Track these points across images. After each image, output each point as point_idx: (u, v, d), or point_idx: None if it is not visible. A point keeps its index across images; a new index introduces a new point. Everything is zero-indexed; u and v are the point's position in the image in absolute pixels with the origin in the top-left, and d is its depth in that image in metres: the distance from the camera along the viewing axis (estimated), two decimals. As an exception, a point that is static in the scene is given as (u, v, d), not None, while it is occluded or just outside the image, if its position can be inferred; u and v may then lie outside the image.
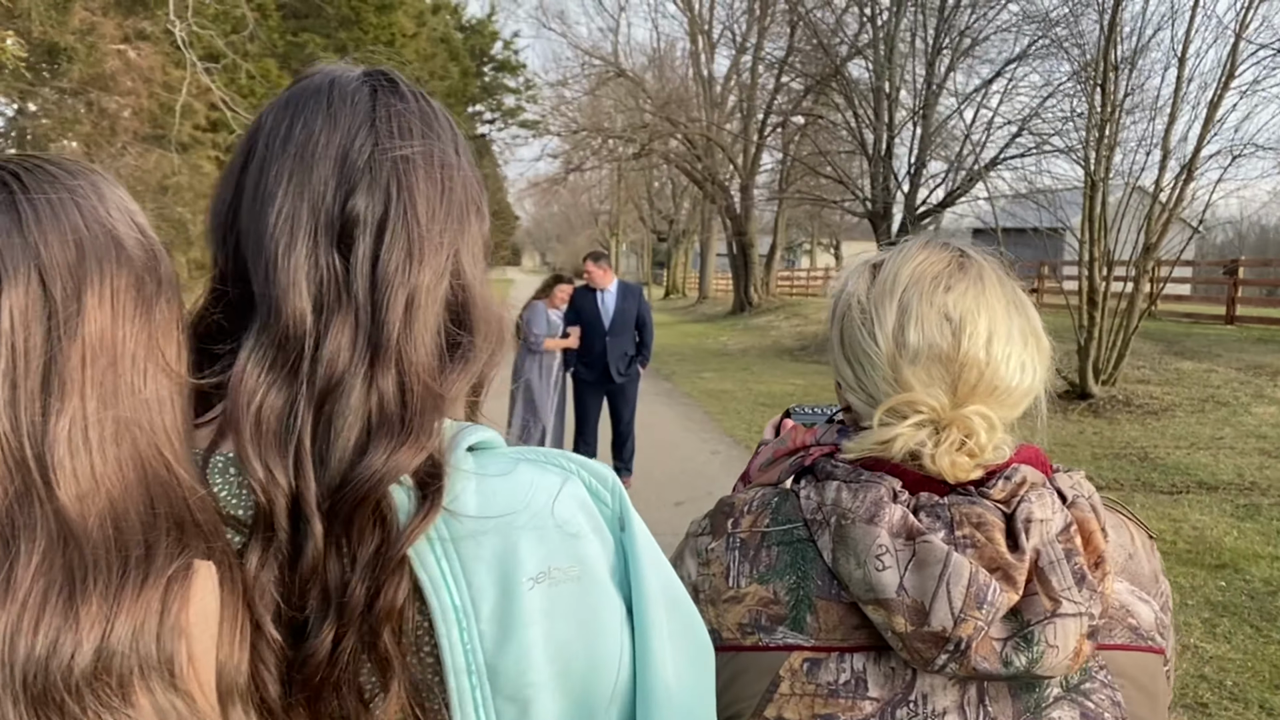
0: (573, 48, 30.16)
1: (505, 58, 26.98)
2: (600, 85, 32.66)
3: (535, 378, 7.96)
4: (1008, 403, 1.02)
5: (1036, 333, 1.06)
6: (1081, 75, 12.72)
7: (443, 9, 25.57)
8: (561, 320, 8.02)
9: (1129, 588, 1.01)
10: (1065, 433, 10.22)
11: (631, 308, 7.92)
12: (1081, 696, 0.94)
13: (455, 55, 22.60)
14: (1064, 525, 0.95)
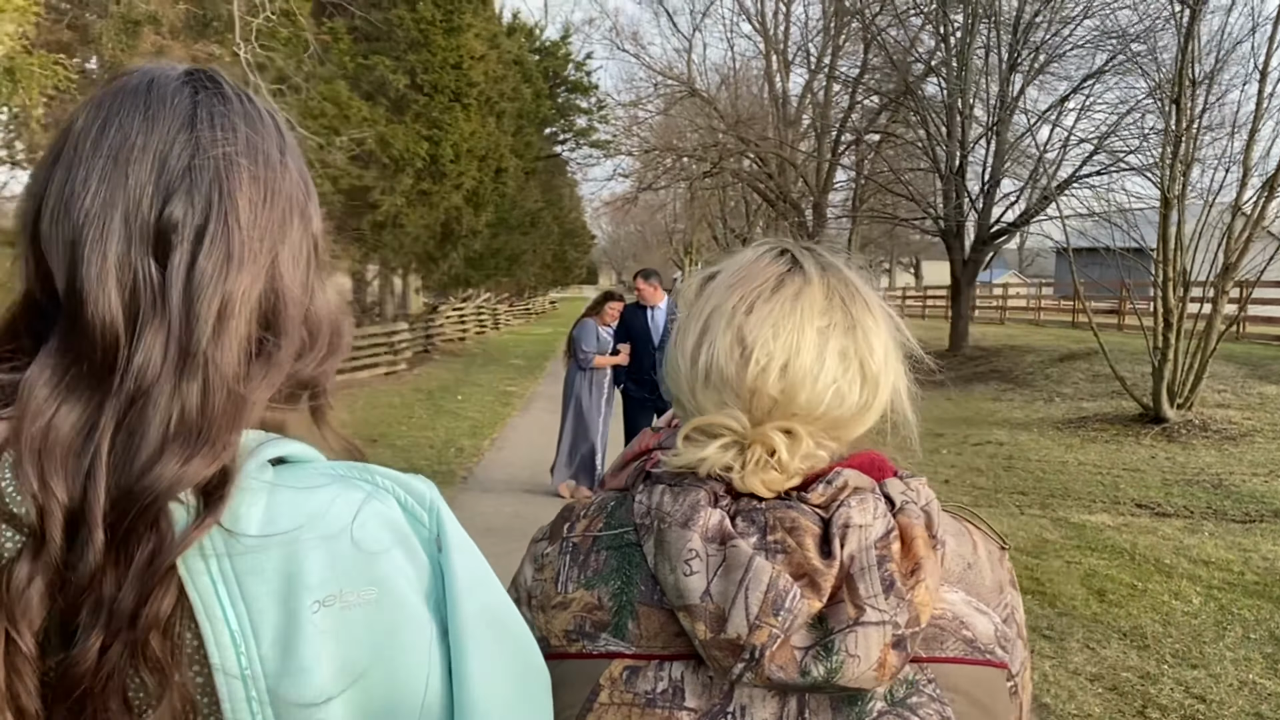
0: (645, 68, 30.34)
1: (578, 79, 27.23)
2: (673, 105, 32.74)
3: (585, 394, 7.98)
4: (822, 424, 0.98)
5: (868, 354, 1.01)
6: (1158, 92, 12.37)
7: (518, 31, 25.95)
8: (612, 337, 8.02)
9: (965, 599, 0.96)
10: (1136, 457, 9.88)
11: (682, 325, 7.88)
12: (908, 711, 0.90)
13: (529, 78, 22.87)
14: (884, 531, 0.90)
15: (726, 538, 0.90)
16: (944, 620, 0.93)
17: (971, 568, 0.98)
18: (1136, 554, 6.58)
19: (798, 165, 29.70)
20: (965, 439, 11.25)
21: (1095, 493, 8.42)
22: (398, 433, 11.44)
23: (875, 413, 1.03)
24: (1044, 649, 4.92)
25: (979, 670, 0.94)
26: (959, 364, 18.52)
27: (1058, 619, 5.37)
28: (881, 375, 1.03)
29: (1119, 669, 4.70)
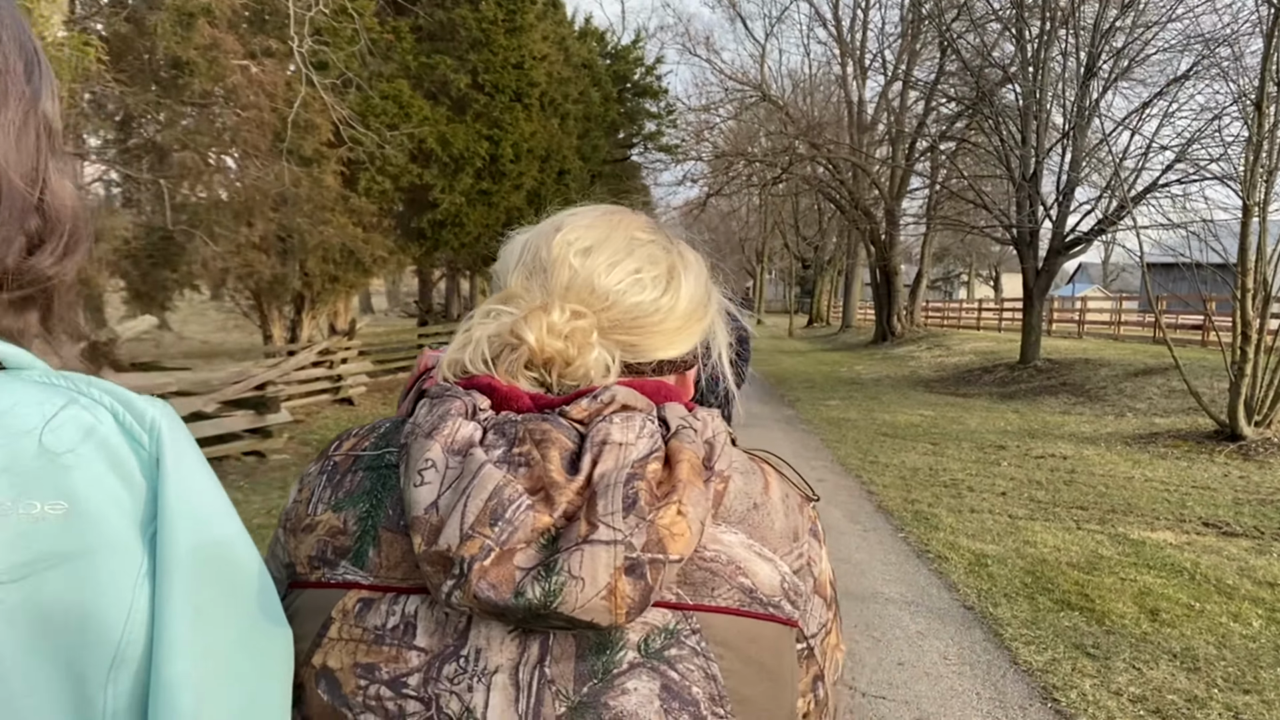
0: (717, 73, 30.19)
1: (648, 83, 27.18)
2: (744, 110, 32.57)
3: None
4: (617, 313, 0.91)
5: (682, 271, 0.97)
6: (1243, 98, 11.86)
7: (590, 36, 26.02)
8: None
9: (746, 541, 0.84)
10: (1207, 475, 9.45)
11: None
12: (665, 665, 0.77)
13: (598, 81, 22.90)
14: (647, 452, 0.79)
15: (469, 447, 0.79)
16: (717, 564, 0.81)
17: (758, 508, 0.86)
18: (1197, 573, 6.25)
19: (871, 172, 29.31)
20: (1027, 452, 10.89)
21: (1159, 510, 8.06)
22: (449, 430, 11.45)
23: (684, 335, 0.95)
24: (1086, 667, 4.68)
25: (758, 625, 0.82)
26: (1028, 376, 18.01)
27: (1104, 637, 5.10)
28: (691, 293, 0.96)
29: (1165, 691, 4.43)
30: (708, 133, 31.04)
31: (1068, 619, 5.37)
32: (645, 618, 0.78)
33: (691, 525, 0.77)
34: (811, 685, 0.89)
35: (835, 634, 0.93)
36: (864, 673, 4.54)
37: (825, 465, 10.00)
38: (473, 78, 12.81)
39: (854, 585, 5.90)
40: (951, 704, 4.23)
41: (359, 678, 0.77)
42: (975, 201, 21.79)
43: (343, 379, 12.87)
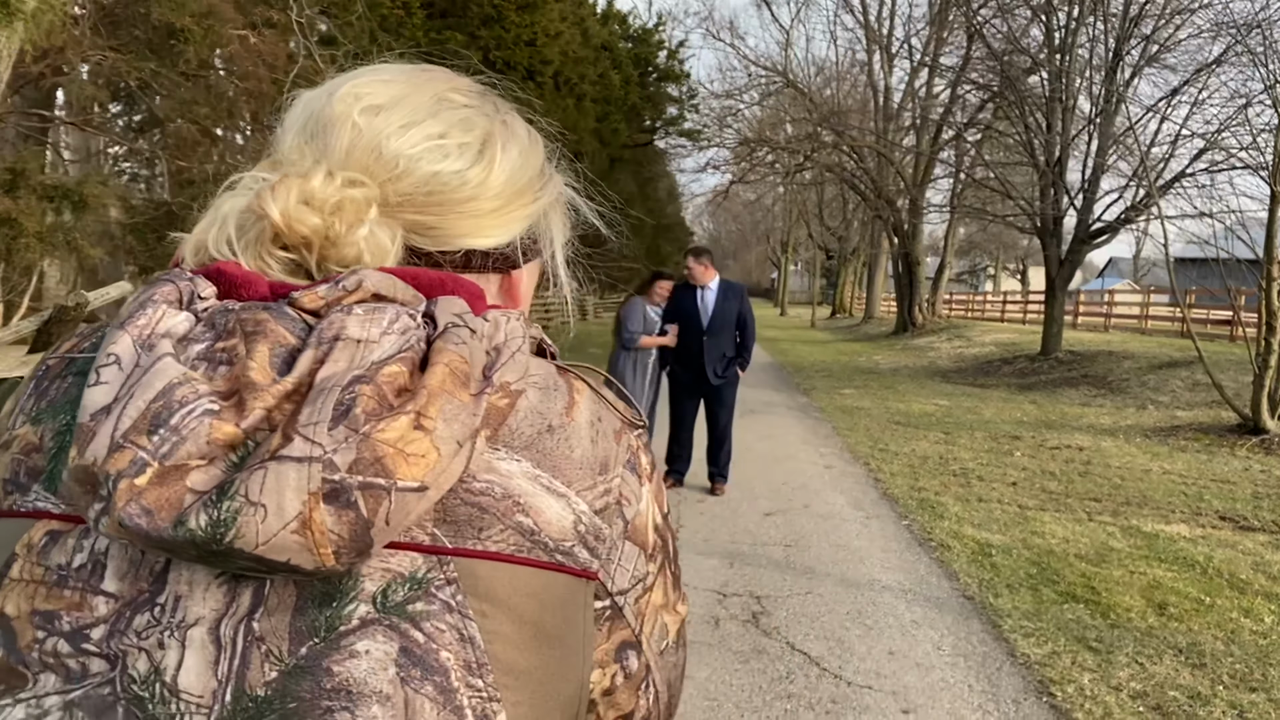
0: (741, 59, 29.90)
1: (669, 67, 26.92)
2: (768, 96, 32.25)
3: (630, 375, 7.70)
4: (409, 186, 0.72)
5: (506, 141, 0.78)
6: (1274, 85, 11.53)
7: (612, 18, 25.82)
8: (660, 317, 7.72)
9: (532, 471, 0.65)
10: (1227, 468, 9.18)
11: (733, 307, 7.55)
12: (408, 623, 0.60)
13: (619, 64, 22.69)
14: (394, 352, 0.61)
15: (161, 340, 0.62)
16: (488, 498, 0.63)
17: (553, 432, 0.68)
18: (1210, 568, 6.03)
19: (895, 160, 28.98)
20: (1042, 442, 10.64)
21: (1175, 502, 7.82)
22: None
23: (500, 219, 0.77)
24: (1086, 661, 4.48)
25: (538, 576, 0.64)
26: (1049, 368, 17.71)
27: (1108, 630, 4.90)
28: (513, 168, 0.77)
29: (1167, 687, 4.23)
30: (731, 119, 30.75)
31: (1071, 611, 5.17)
32: (387, 563, 0.60)
33: (440, 445, 0.59)
34: (616, 654, 0.71)
35: (662, 592, 0.75)
36: (851, 661, 4.37)
37: (834, 452, 9.81)
38: (484, 54, 12.62)
39: (851, 572, 5.72)
40: (941, 696, 4.05)
41: (37, 628, 0.60)
42: (998, 190, 21.43)
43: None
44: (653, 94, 27.24)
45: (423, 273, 0.70)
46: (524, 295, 0.85)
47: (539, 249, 0.83)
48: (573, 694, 0.67)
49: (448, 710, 0.60)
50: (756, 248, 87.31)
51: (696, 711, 3.80)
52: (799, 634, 4.68)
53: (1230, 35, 15.53)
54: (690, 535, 6.36)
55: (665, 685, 0.77)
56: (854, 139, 28.73)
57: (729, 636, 4.61)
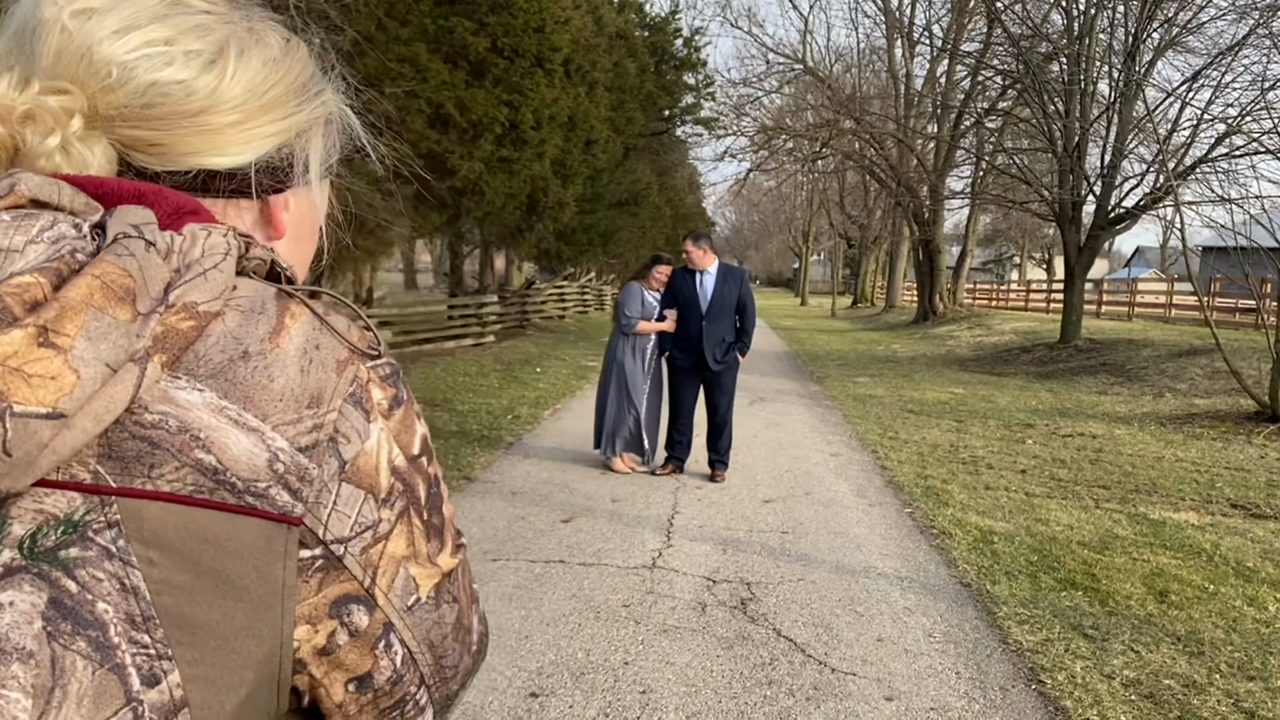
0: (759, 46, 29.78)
1: (686, 55, 26.75)
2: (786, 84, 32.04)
3: (629, 360, 7.63)
4: (123, 98, 0.65)
5: (249, 54, 0.70)
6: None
7: (628, 6, 25.68)
8: (658, 302, 7.65)
9: (218, 403, 0.58)
10: (1242, 456, 9.02)
11: (732, 291, 7.46)
12: (60, 571, 0.53)
13: (634, 52, 22.57)
14: (40, 262, 0.55)
15: None
16: (161, 431, 0.56)
17: (249, 359, 0.60)
18: (1216, 555, 5.90)
19: (915, 148, 28.71)
20: (1055, 430, 10.50)
21: (1186, 490, 7.67)
22: (462, 399, 11.32)
23: (240, 135, 0.69)
24: (1080, 649, 4.38)
25: (220, 519, 0.57)
26: (1067, 356, 17.49)
27: (1105, 618, 4.79)
28: (255, 78, 0.70)
29: (1161, 675, 4.13)
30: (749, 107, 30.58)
31: (1069, 599, 5.06)
32: (41, 503, 0.54)
33: (80, 367, 0.52)
34: (333, 609, 0.64)
35: (405, 541, 0.67)
36: (838, 648, 4.29)
37: (842, 440, 9.71)
38: (492, 41, 12.54)
39: (847, 559, 5.64)
40: (926, 682, 3.97)
41: None
42: (1018, 176, 21.17)
43: (361, 348, 12.78)
44: (669, 82, 27.07)
45: (111, 180, 0.63)
46: (292, 225, 0.77)
47: (297, 172, 0.75)
48: (268, 652, 0.60)
49: (105, 669, 0.53)
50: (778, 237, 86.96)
51: (673, 698, 3.73)
52: (787, 621, 4.60)
53: (1253, 18, 15.26)
54: (685, 522, 6.29)
55: (425, 645, 0.70)
56: (873, 126, 28.49)
57: (714, 623, 4.54)
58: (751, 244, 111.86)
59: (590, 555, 5.50)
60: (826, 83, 30.04)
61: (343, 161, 0.86)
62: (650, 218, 29.89)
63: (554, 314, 26.14)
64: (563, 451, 8.48)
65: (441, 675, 0.73)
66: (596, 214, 20.49)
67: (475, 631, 0.77)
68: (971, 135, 28.00)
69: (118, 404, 0.54)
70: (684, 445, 7.73)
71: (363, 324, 0.70)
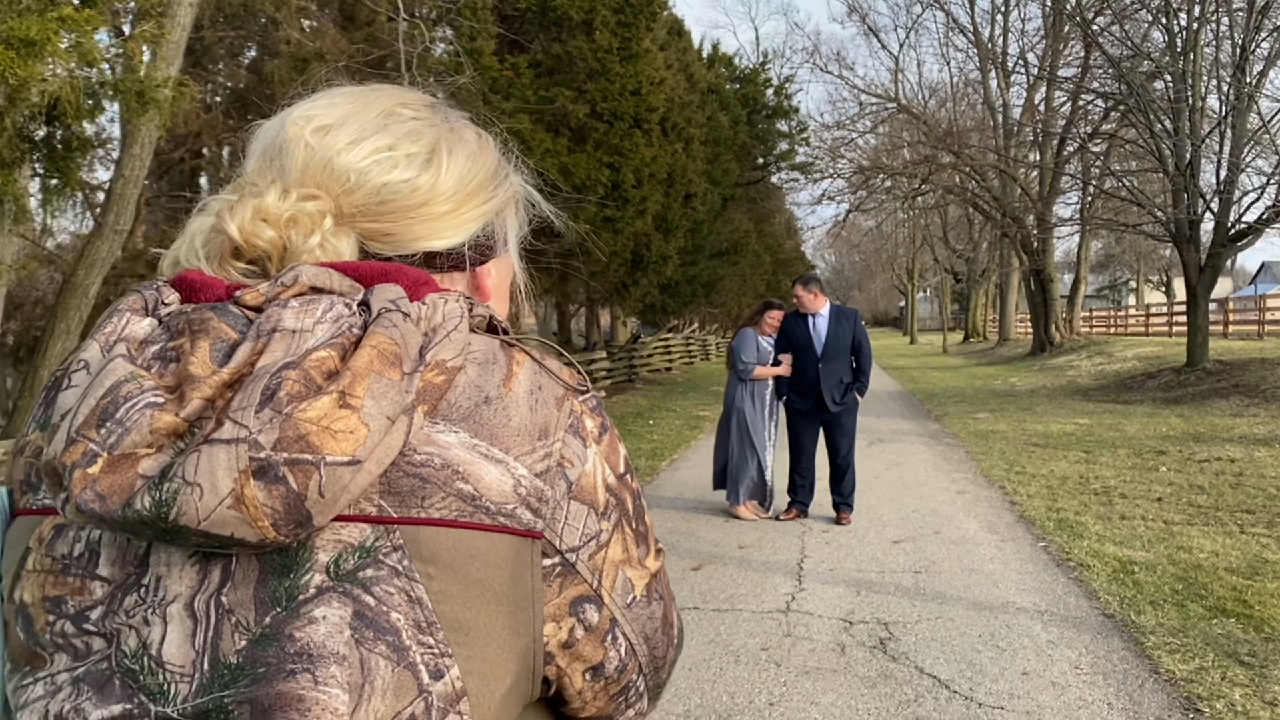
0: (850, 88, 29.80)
1: (777, 104, 26.98)
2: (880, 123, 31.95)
3: (748, 407, 7.71)
4: (362, 198, 0.80)
5: (454, 147, 0.85)
6: None
7: (718, 61, 26.08)
8: (773, 347, 7.73)
9: (469, 441, 0.71)
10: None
11: (846, 332, 7.49)
12: (359, 588, 0.66)
13: (726, 105, 22.88)
14: (326, 339, 0.68)
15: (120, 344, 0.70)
16: (429, 468, 0.69)
17: (490, 403, 0.73)
18: (1377, 576, 5.64)
19: (1018, 177, 28.24)
20: (1190, 456, 10.14)
21: (1338, 510, 7.34)
22: (581, 455, 11.51)
23: (454, 221, 0.83)
24: (1238, 676, 4.25)
25: (480, 538, 0.69)
26: (1196, 380, 16.87)
27: (1262, 644, 4.64)
28: (462, 171, 0.84)
29: (1328, 702, 3.98)
30: (844, 149, 30.55)
31: (1220, 626, 4.91)
32: (339, 534, 0.67)
33: (369, 421, 0.65)
34: (571, 608, 0.76)
35: (621, 547, 0.79)
36: (983, 683, 4.25)
37: (967, 478, 9.56)
38: (591, 107, 12.94)
39: (984, 595, 5.57)
40: (1078, 714, 3.91)
41: (48, 612, 0.69)
42: (1128, 199, 20.64)
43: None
44: (762, 131, 27.31)
45: (364, 264, 0.76)
46: (494, 289, 0.91)
47: (497, 245, 0.89)
48: (525, 647, 0.72)
49: (401, 666, 0.66)
50: (881, 276, 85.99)
51: (821, 736, 3.76)
52: (928, 658, 4.58)
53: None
54: (815, 565, 6.30)
55: (641, 638, 0.81)
56: (973, 158, 28.16)
57: (855, 663, 4.55)
58: (854, 284, 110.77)
59: (723, 601, 5.56)
60: (922, 119, 29.87)
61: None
62: (750, 265, 29.98)
63: (660, 366, 26.36)
64: (684, 501, 8.57)
65: (655, 664, 0.85)
66: (698, 265, 20.71)
67: (676, 626, 0.88)
68: (1076, 160, 27.43)
69: (394, 448, 0.67)
70: (806, 489, 7.74)
71: (570, 365, 0.83)
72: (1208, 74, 17.72)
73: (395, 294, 0.72)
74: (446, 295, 0.75)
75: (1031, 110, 30.99)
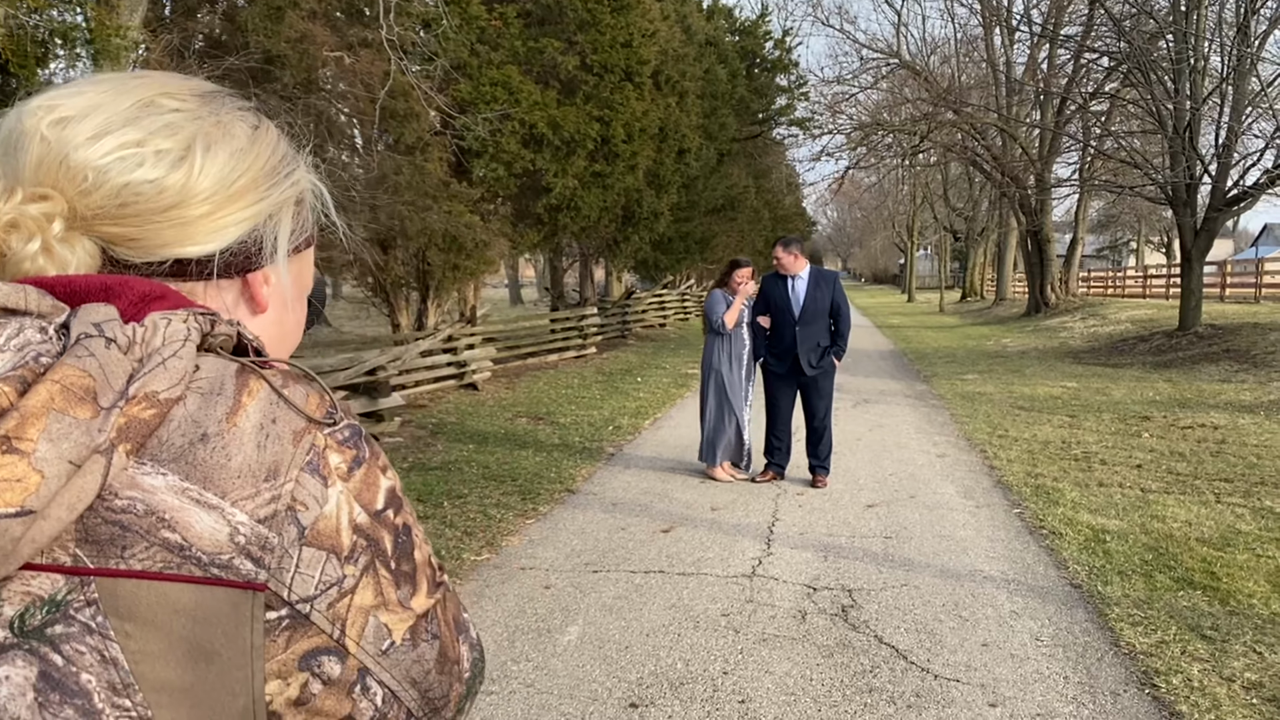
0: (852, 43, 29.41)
1: (777, 57, 26.61)
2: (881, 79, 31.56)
3: (725, 368, 7.65)
4: (101, 200, 0.71)
5: (216, 147, 0.76)
6: None
7: (717, 13, 25.70)
8: (746, 307, 7.68)
9: (179, 485, 0.63)
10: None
11: (825, 296, 7.41)
12: (47, 646, 0.59)
13: (724, 58, 22.57)
14: (8, 369, 0.60)
15: None
16: (130, 515, 0.62)
17: (208, 440, 0.65)
18: (1348, 549, 5.62)
19: (1018, 136, 27.97)
20: (1174, 422, 10.11)
21: (1317, 481, 7.31)
22: (564, 411, 11.49)
23: (212, 225, 0.75)
24: (1198, 650, 4.24)
25: (189, 590, 0.62)
26: (1187, 344, 16.81)
27: (1226, 618, 4.62)
28: (223, 170, 0.75)
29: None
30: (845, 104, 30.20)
31: (1186, 599, 4.89)
32: (28, 585, 0.60)
33: (44, 467, 0.58)
34: (302, 662, 0.68)
35: (373, 592, 0.71)
36: (942, 654, 4.23)
37: (949, 440, 9.53)
38: (581, 59, 12.71)
39: (952, 562, 5.55)
40: (1033, 688, 3.89)
41: None
42: (1126, 160, 20.43)
43: (466, 365, 13.09)
44: (761, 85, 26.96)
45: (81, 279, 0.69)
46: (277, 297, 0.83)
47: (264, 252, 0.80)
48: (243, 706, 0.65)
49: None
50: (881, 233, 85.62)
51: (772, 707, 3.74)
52: (889, 627, 4.56)
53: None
54: (786, 529, 6.28)
55: (407, 683, 0.74)
56: (974, 116, 27.86)
57: (814, 630, 4.53)
58: (855, 241, 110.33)
59: (690, 565, 5.54)
60: (924, 75, 29.49)
61: (445, 188, 0.92)
62: (748, 221, 29.80)
63: (654, 322, 26.25)
64: (663, 461, 8.54)
65: (432, 706, 0.77)
66: (692, 221, 20.55)
67: (465, 659, 0.81)
68: (1077, 121, 27.14)
69: (88, 494, 0.60)
70: (783, 451, 7.71)
71: (320, 390, 0.74)
72: (1211, 35, 17.44)
73: (103, 315, 0.65)
74: (172, 314, 0.67)
75: (1034, 69, 30.59)
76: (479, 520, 6.46)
